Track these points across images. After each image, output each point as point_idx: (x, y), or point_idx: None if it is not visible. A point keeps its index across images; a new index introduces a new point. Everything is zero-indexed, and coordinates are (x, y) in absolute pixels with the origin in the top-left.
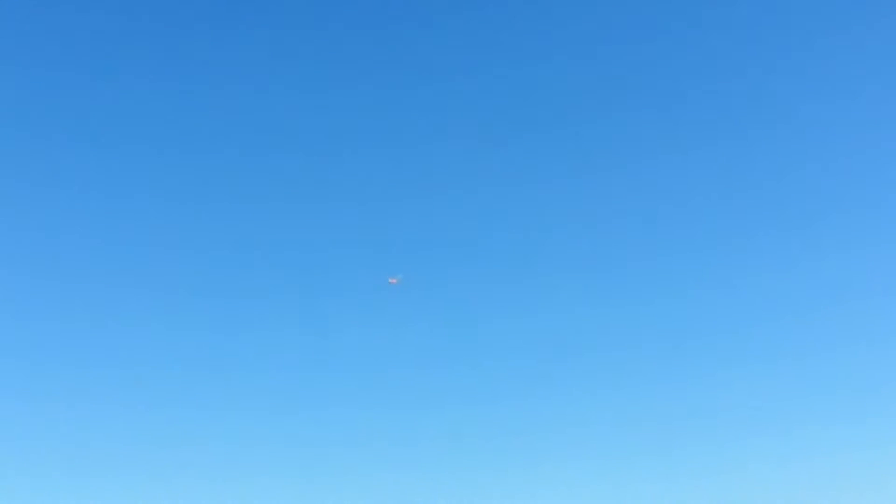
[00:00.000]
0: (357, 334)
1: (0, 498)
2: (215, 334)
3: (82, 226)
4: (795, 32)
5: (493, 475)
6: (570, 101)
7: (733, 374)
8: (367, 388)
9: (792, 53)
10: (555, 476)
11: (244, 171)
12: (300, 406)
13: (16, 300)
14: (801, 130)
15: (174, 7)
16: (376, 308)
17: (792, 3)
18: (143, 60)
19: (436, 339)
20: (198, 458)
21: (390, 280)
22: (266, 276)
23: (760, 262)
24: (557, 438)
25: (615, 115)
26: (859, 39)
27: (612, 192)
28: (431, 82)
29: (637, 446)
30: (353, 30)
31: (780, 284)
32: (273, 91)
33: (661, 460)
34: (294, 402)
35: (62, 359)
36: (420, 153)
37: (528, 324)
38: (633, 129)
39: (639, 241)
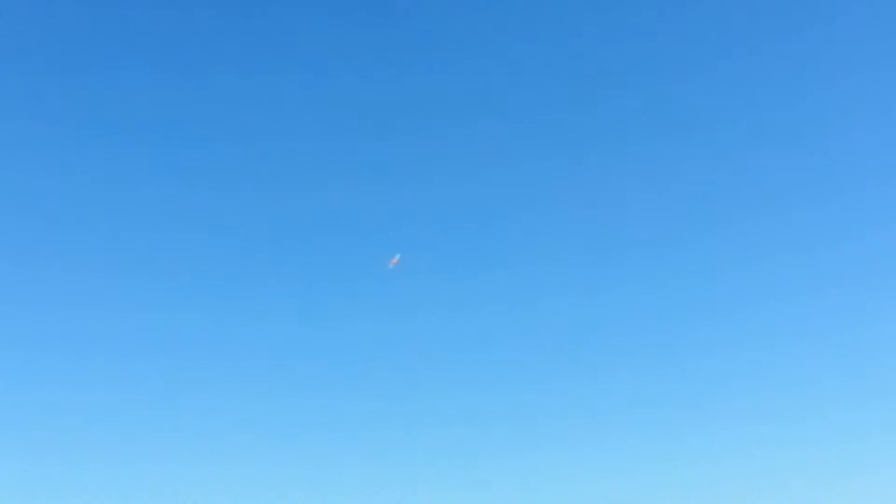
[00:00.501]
0: (356, 323)
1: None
2: (212, 323)
3: (78, 215)
4: (784, 21)
5: (495, 466)
6: (566, 88)
7: (735, 364)
8: (366, 378)
9: (783, 42)
10: (557, 466)
11: (240, 158)
12: (299, 396)
13: (16, 291)
14: (793, 118)
15: None
16: (375, 297)
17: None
18: (138, 50)
19: (434, 329)
20: (194, 447)
21: (391, 262)
22: (263, 264)
23: (759, 250)
24: (559, 429)
25: (609, 102)
26: (848, 30)
27: (611, 179)
28: (430, 68)
29: (642, 437)
30: (345, 15)
31: (780, 272)
32: (267, 79)
33: (663, 451)
34: (293, 391)
35: (60, 349)
36: (418, 140)
37: (527, 313)
38: (629, 118)
39: (637, 230)
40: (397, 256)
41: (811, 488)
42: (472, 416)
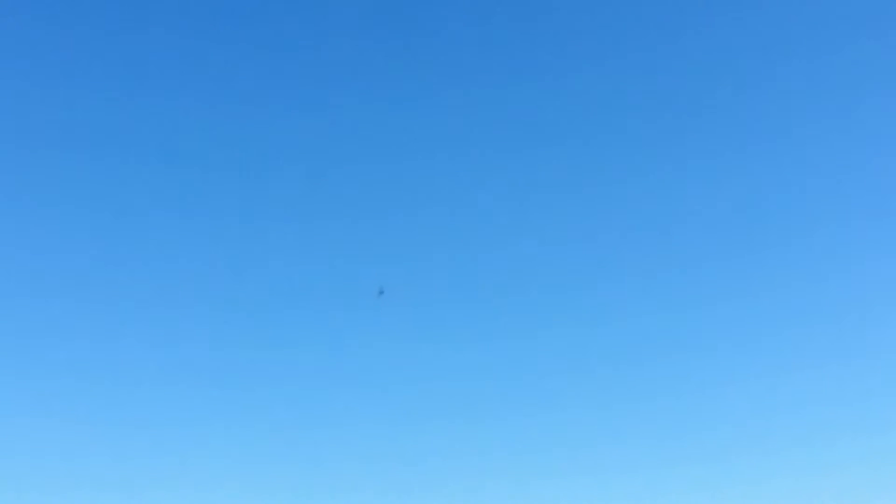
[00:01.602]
0: (360, 347)
1: None
2: (216, 347)
3: (79, 235)
4: (804, 40)
5: (500, 490)
6: (577, 112)
7: (742, 385)
8: (370, 402)
9: (802, 60)
10: (560, 491)
11: (244, 182)
12: (303, 420)
13: (14, 311)
14: (811, 139)
15: (169, 14)
16: (380, 321)
17: (801, 11)
18: (139, 70)
19: (439, 354)
20: (198, 471)
21: (379, 292)
22: (269, 288)
23: (770, 271)
24: (562, 454)
25: (622, 126)
26: (864, 46)
27: (619, 203)
28: (433, 93)
29: (645, 460)
30: (355, 36)
31: (793, 292)
32: (272, 100)
33: (667, 474)
34: (296, 415)
35: (67, 372)
36: (424, 164)
37: (536, 337)
38: (640, 140)
39: (649, 252)
40: (382, 288)
41: None
42: (479, 440)
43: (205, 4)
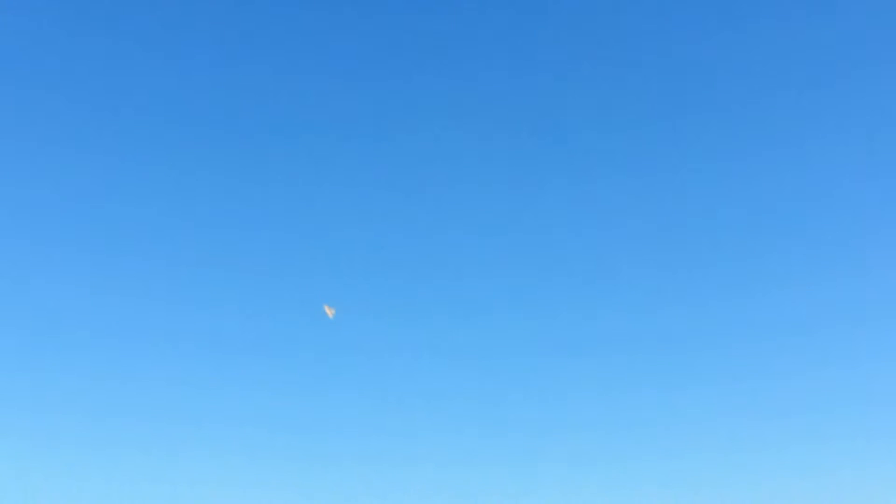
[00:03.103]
0: (360, 325)
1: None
2: (215, 318)
3: (78, 225)
4: (809, 40)
5: (495, 476)
6: (574, 105)
7: (740, 384)
8: (370, 381)
9: (804, 65)
10: (557, 480)
11: (246, 162)
12: (302, 395)
13: (14, 300)
14: (815, 141)
15: None
16: (379, 300)
17: (805, 13)
18: (140, 51)
19: (437, 336)
20: (197, 444)
21: (328, 312)
22: (270, 262)
23: (771, 273)
24: (559, 442)
25: (622, 120)
26: (870, 46)
27: (621, 197)
28: (442, 76)
29: (642, 455)
30: (357, 19)
31: (792, 296)
32: (268, 75)
33: (667, 471)
34: (295, 390)
35: (64, 360)
36: (425, 150)
37: (534, 324)
38: (640, 135)
39: (646, 249)
40: (333, 308)
41: None
42: (475, 424)
43: None
